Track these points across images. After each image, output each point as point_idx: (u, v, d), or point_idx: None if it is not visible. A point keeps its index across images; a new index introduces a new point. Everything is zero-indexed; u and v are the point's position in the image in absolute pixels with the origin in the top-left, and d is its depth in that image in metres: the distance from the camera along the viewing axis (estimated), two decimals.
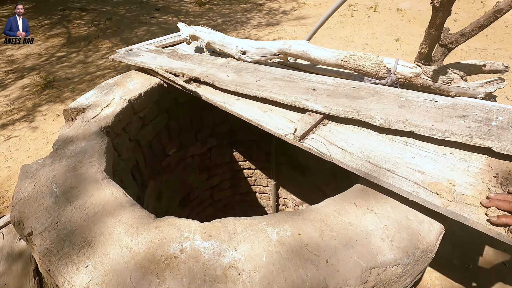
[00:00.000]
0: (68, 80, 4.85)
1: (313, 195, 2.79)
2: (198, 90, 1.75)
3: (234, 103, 1.59)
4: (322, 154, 1.22)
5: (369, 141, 1.24)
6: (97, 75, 5.06)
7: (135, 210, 1.10)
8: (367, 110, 1.30)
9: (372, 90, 1.45)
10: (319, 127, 1.35)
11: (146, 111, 1.95)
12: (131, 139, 1.84)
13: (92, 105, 1.72)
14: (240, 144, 2.87)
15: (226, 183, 3.14)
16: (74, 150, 1.36)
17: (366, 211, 1.08)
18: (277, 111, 1.50)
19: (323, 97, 1.44)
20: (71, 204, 1.11)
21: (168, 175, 2.41)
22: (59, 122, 4.02)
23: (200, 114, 2.48)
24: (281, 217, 1.09)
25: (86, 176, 1.23)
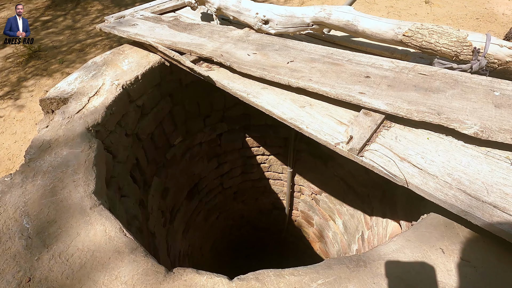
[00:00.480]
0: (55, 50, 4.33)
1: (335, 186, 2.51)
2: (211, 73, 1.36)
3: (260, 94, 1.21)
4: (393, 177, 0.88)
5: (455, 156, 0.90)
6: (87, 44, 4.54)
7: (137, 259, 0.79)
8: (451, 111, 0.94)
9: (450, 79, 1.07)
10: (380, 132, 1.00)
11: (145, 98, 1.58)
12: (128, 133, 1.49)
13: (76, 94, 1.35)
14: (254, 129, 2.52)
15: (237, 170, 2.85)
16: (53, 162, 1.03)
17: (460, 263, 0.78)
18: (318, 107, 1.13)
19: (383, 88, 1.07)
20: (48, 250, 0.80)
21: (173, 168, 2.09)
22: None
23: (209, 96, 2.10)
24: (341, 270, 0.78)
25: (69, 204, 0.90)
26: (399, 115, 0.97)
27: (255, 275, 0.78)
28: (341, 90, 1.06)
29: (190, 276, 0.76)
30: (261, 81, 1.26)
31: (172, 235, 2.12)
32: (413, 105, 0.97)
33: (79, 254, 0.79)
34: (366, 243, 2.09)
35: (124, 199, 1.39)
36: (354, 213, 2.33)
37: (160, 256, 1.70)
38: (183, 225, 2.44)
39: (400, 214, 1.50)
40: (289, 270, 0.79)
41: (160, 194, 1.93)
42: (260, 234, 3.99)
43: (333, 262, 0.81)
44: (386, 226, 1.71)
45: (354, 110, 1.09)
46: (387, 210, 1.73)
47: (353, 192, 2.26)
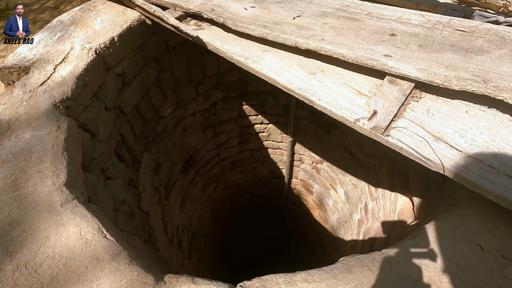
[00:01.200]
0: (26, 8, 3.87)
1: (338, 155, 2.38)
2: (201, 33, 1.13)
3: (261, 58, 1.00)
4: (425, 161, 0.73)
5: (502, 134, 0.74)
6: (62, 0, 4.05)
7: (121, 267, 0.66)
8: (500, 78, 0.76)
9: (495, 36, 0.87)
10: (408, 105, 0.83)
11: (125, 64, 1.35)
12: (108, 107, 1.29)
13: (40, 61, 1.12)
14: (252, 96, 2.31)
15: (234, 140, 2.69)
16: (13, 148, 0.85)
17: (503, 263, 0.66)
18: (332, 74, 0.94)
19: (413, 49, 0.87)
20: (12, 260, 0.66)
21: (165, 141, 1.93)
22: None
23: (201, 60, 1.85)
24: (363, 274, 0.66)
25: (35, 201, 0.75)
26: (434, 83, 0.79)
27: (262, 283, 0.66)
28: (361, 53, 0.86)
29: (184, 287, 0.64)
30: (261, 42, 1.04)
31: (168, 211, 2.03)
32: (452, 70, 0.79)
33: (50, 263, 0.66)
34: (370, 214, 2.03)
35: (110, 182, 1.24)
36: (357, 183, 2.24)
37: (157, 236, 1.61)
38: (180, 199, 2.34)
39: (414, 189, 1.39)
40: (302, 275, 0.67)
41: (152, 171, 1.79)
42: (259, 202, 3.97)
43: (353, 263, 0.69)
44: (395, 201, 1.61)
45: (375, 77, 0.90)
46: (396, 183, 1.62)
47: (357, 162, 2.14)
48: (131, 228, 1.18)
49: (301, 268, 0.70)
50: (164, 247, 1.70)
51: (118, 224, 1.12)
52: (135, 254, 0.74)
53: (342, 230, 2.62)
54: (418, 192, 1.32)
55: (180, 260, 2.05)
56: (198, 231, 2.94)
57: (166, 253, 1.68)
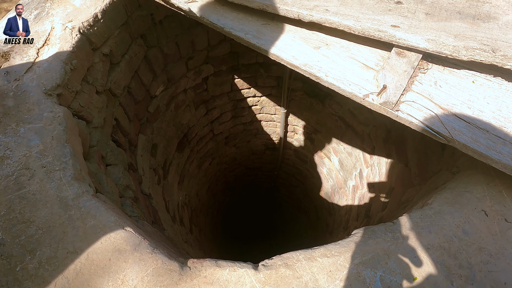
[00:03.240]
0: None
1: (333, 125, 2.41)
2: (193, 6, 1.05)
3: (262, 33, 0.96)
4: (435, 134, 0.74)
5: (508, 103, 0.76)
6: None
7: (144, 257, 0.67)
8: (508, 46, 0.75)
9: (503, 1, 0.85)
10: (415, 77, 0.82)
11: (111, 42, 1.26)
12: (99, 91, 1.23)
13: (20, 45, 1.03)
14: (244, 69, 2.24)
15: (227, 115, 2.65)
16: (10, 143, 0.80)
17: (506, 225, 0.71)
18: (337, 47, 0.91)
19: (420, 18, 0.84)
20: (32, 258, 0.66)
21: (159, 121, 1.87)
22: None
23: (189, 34, 1.75)
24: (378, 245, 0.70)
25: (45, 197, 0.73)
26: (442, 54, 0.78)
27: (283, 260, 0.68)
28: (368, 24, 0.83)
29: (210, 271, 0.66)
30: (260, 15, 0.99)
31: (168, 190, 2.04)
32: (461, 39, 0.78)
33: (72, 258, 0.66)
34: (364, 180, 2.10)
35: (111, 169, 1.22)
36: (352, 151, 2.29)
37: (161, 216, 1.63)
38: (177, 177, 2.34)
39: (411, 156, 1.43)
40: (320, 251, 0.70)
41: (149, 152, 1.76)
42: (254, 174, 4.04)
43: (368, 236, 0.72)
44: (391, 168, 1.67)
45: (381, 49, 0.88)
46: (392, 151, 1.66)
47: (352, 131, 2.17)
48: (138, 212, 1.18)
49: (297, 234, 0.73)
50: (168, 225, 1.73)
51: (126, 210, 1.12)
52: (155, 242, 0.75)
53: (337, 196, 2.72)
54: (416, 159, 1.36)
55: (184, 236, 2.10)
56: (197, 206, 2.99)
57: (171, 231, 1.72)
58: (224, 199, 4.21)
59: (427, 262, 0.66)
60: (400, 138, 1.57)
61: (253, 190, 4.51)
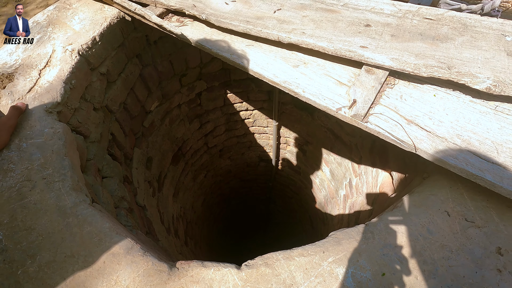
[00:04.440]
0: None
1: (322, 136, 2.49)
2: (185, 30, 1.15)
3: (246, 53, 1.05)
4: (400, 142, 0.83)
5: (464, 114, 0.84)
6: None
7: (136, 259, 0.73)
8: (463, 63, 0.85)
9: (458, 24, 0.96)
10: (383, 92, 0.91)
11: (108, 63, 1.35)
12: (96, 107, 1.30)
13: (23, 67, 1.11)
14: (235, 84, 2.34)
15: (221, 128, 2.73)
16: (13, 157, 0.87)
17: (465, 224, 0.78)
18: (314, 65, 1.00)
19: (386, 39, 0.94)
20: (32, 262, 0.71)
21: (153, 135, 1.95)
22: None
23: (182, 52, 1.85)
24: (350, 244, 0.76)
25: (45, 207, 0.79)
26: (405, 71, 0.88)
27: (264, 260, 0.75)
28: (340, 45, 0.93)
29: (196, 270, 0.72)
30: (245, 37, 1.09)
31: (163, 202, 2.09)
32: (421, 58, 0.87)
33: (69, 262, 0.72)
34: (354, 189, 2.17)
35: (106, 181, 1.28)
36: (341, 161, 2.37)
37: (155, 227, 1.68)
38: (172, 190, 2.39)
39: (392, 165, 1.51)
40: (298, 251, 0.76)
41: (144, 165, 1.82)
42: (249, 185, 4.09)
43: (342, 237, 0.79)
44: (376, 176, 1.74)
45: (353, 66, 0.97)
46: (377, 160, 1.74)
47: (340, 141, 2.26)
48: (132, 222, 1.24)
49: (294, 245, 0.79)
50: (163, 236, 1.78)
51: (120, 220, 1.17)
52: (146, 246, 0.81)
53: (330, 206, 2.78)
54: (396, 167, 1.44)
55: (179, 248, 2.14)
56: (192, 218, 3.02)
57: (166, 242, 1.76)
58: (219, 212, 4.24)
59: (394, 259, 0.73)
60: (383, 148, 1.65)
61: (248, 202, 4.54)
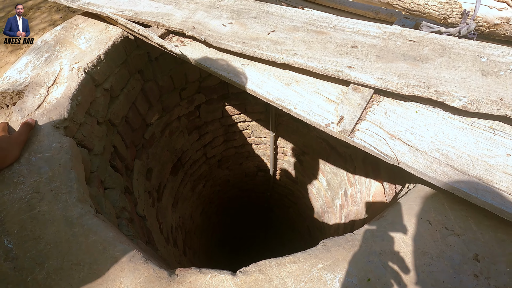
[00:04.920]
0: None
1: (318, 147, 2.56)
2: (185, 49, 1.22)
3: (242, 72, 1.13)
4: (384, 156, 0.89)
5: (443, 129, 0.91)
6: (29, 6, 3.92)
7: (138, 267, 0.78)
8: (441, 83, 0.92)
9: (438, 45, 1.04)
10: (369, 108, 0.98)
11: (112, 79, 1.42)
12: (100, 122, 1.37)
13: (32, 84, 1.18)
14: (233, 97, 2.42)
15: (219, 139, 2.80)
16: (22, 171, 0.93)
17: (445, 233, 0.84)
18: (305, 83, 1.07)
19: (372, 60, 1.02)
20: (41, 269, 0.76)
21: (153, 147, 2.01)
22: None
23: (182, 68, 1.94)
24: (338, 252, 0.82)
25: (53, 217, 0.84)
26: (389, 89, 0.95)
27: (257, 267, 0.80)
28: (328, 65, 1.00)
29: (194, 277, 0.77)
30: (241, 56, 1.16)
31: (162, 213, 2.13)
32: (403, 78, 0.94)
33: (76, 269, 0.77)
34: (349, 199, 2.22)
35: (108, 192, 1.33)
36: (337, 171, 2.42)
37: (154, 237, 1.72)
38: (171, 200, 2.44)
39: (384, 175, 1.57)
40: (289, 258, 0.82)
41: (144, 176, 1.88)
42: (247, 195, 4.13)
43: (330, 245, 0.84)
44: (369, 186, 1.80)
45: (342, 84, 1.05)
46: (370, 170, 1.80)
47: (335, 152, 2.33)
48: (133, 232, 1.29)
49: (291, 253, 0.84)
50: (162, 246, 1.82)
51: (122, 230, 1.22)
52: (147, 255, 0.86)
53: (326, 215, 2.82)
54: (387, 178, 1.50)
55: (177, 258, 2.17)
56: (191, 228, 3.05)
57: (165, 252, 1.80)
58: (218, 221, 4.26)
59: (378, 265, 0.78)
60: (376, 159, 1.71)
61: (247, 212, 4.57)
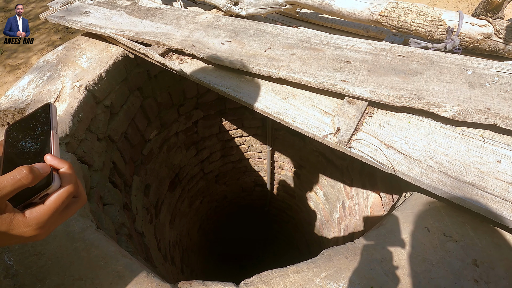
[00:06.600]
0: None
1: (315, 160, 2.59)
2: (184, 67, 1.27)
3: (240, 87, 1.17)
4: (380, 165, 0.92)
5: (435, 138, 0.95)
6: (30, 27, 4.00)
7: (141, 281, 0.77)
8: (431, 95, 0.97)
9: (426, 60, 1.10)
10: (364, 120, 1.02)
11: (112, 96, 1.45)
12: (100, 138, 1.39)
13: (34, 102, 1.20)
14: (230, 112, 2.46)
15: (217, 154, 2.82)
16: None
17: (443, 239, 0.85)
18: (302, 97, 1.11)
19: (364, 74, 1.07)
20: (42, 286, 0.75)
21: (152, 163, 2.02)
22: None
23: (180, 84, 1.98)
24: (340, 261, 0.83)
25: (55, 232, 0.84)
26: (382, 101, 0.99)
27: (261, 278, 0.80)
28: (323, 79, 1.05)
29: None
30: (239, 73, 1.21)
31: (159, 229, 2.11)
32: (395, 90, 0.99)
33: (78, 284, 0.76)
34: (347, 211, 2.23)
35: (108, 208, 1.33)
36: (334, 184, 2.44)
37: (152, 254, 1.69)
38: (169, 216, 2.42)
39: (380, 186, 1.60)
40: (292, 268, 0.82)
41: (142, 192, 1.87)
42: (245, 210, 4.09)
43: (332, 254, 0.85)
44: (367, 197, 1.82)
45: (337, 98, 1.09)
46: (366, 182, 1.83)
47: (332, 165, 2.35)
48: (132, 248, 1.27)
49: None
50: (160, 263, 1.79)
51: (121, 245, 1.21)
52: (149, 268, 0.85)
53: (325, 229, 2.81)
54: (384, 188, 1.53)
55: (175, 276, 2.13)
56: (188, 245, 3.00)
57: (163, 269, 1.77)
58: (215, 238, 4.19)
59: (380, 273, 0.79)
60: (372, 170, 1.75)
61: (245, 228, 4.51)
